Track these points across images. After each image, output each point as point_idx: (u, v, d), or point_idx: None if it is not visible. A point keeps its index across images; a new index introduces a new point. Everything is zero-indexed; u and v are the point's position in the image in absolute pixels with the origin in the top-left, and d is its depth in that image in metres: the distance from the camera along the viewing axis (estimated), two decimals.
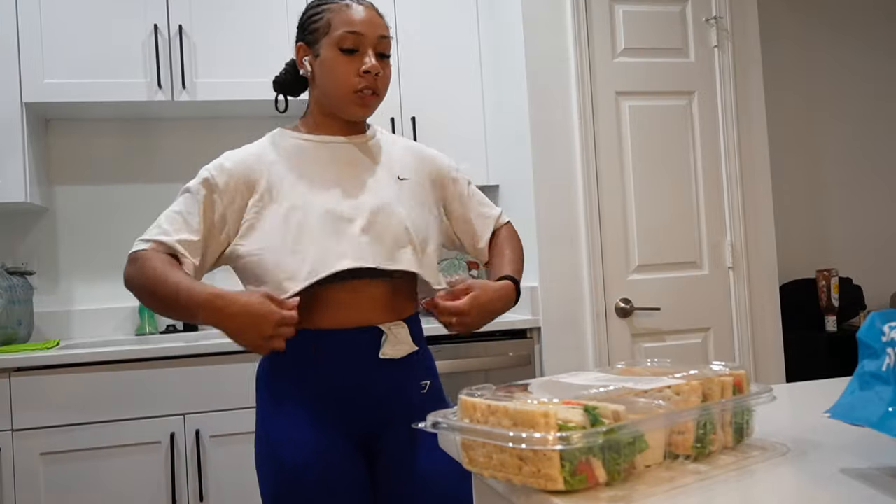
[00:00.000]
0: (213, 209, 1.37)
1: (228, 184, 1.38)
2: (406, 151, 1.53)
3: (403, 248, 1.39)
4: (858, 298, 3.38)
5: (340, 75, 1.38)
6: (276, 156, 1.43)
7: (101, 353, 2.23)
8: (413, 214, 1.43)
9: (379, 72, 1.39)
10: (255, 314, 1.22)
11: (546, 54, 2.62)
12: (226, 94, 2.65)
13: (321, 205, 1.36)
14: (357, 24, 1.38)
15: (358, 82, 1.38)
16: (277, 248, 1.34)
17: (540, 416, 0.68)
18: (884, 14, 3.73)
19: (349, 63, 1.38)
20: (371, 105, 1.41)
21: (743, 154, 2.77)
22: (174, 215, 1.36)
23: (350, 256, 1.34)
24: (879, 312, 0.75)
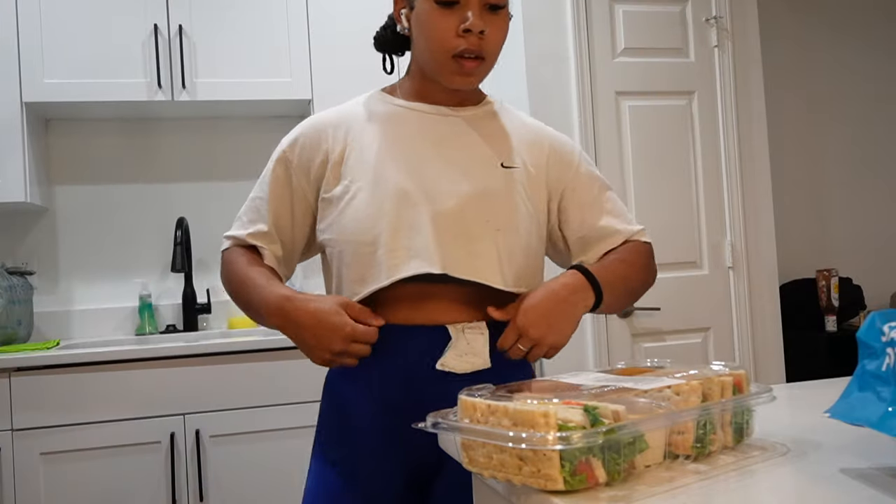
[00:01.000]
0: (289, 189, 1.21)
1: (301, 157, 1.21)
2: (523, 132, 1.27)
3: (486, 252, 1.15)
4: (858, 298, 3.38)
5: (435, 34, 1.13)
6: (362, 122, 1.21)
7: (101, 353, 2.23)
8: (509, 212, 1.18)
9: (483, 30, 1.12)
10: (325, 324, 1.07)
11: (546, 54, 2.62)
12: (226, 94, 2.65)
13: (397, 186, 1.14)
14: None
15: (457, 44, 1.13)
16: (348, 239, 1.15)
17: (540, 416, 0.68)
18: (884, 14, 3.73)
19: (447, 19, 1.12)
20: (475, 73, 1.16)
21: (743, 154, 2.77)
22: (250, 202, 1.26)
23: (420, 256, 1.12)
24: (879, 312, 0.75)
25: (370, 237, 1.13)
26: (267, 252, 1.23)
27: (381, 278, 1.13)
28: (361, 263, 1.14)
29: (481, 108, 1.26)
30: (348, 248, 1.15)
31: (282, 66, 2.70)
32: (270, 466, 2.32)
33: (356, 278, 1.15)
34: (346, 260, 1.16)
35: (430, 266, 1.12)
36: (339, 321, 1.07)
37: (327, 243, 1.20)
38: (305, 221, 1.24)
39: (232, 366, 2.30)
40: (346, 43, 2.73)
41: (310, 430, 2.35)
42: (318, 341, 1.08)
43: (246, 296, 1.18)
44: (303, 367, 2.34)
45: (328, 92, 2.71)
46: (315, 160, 1.21)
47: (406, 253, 1.12)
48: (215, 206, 2.94)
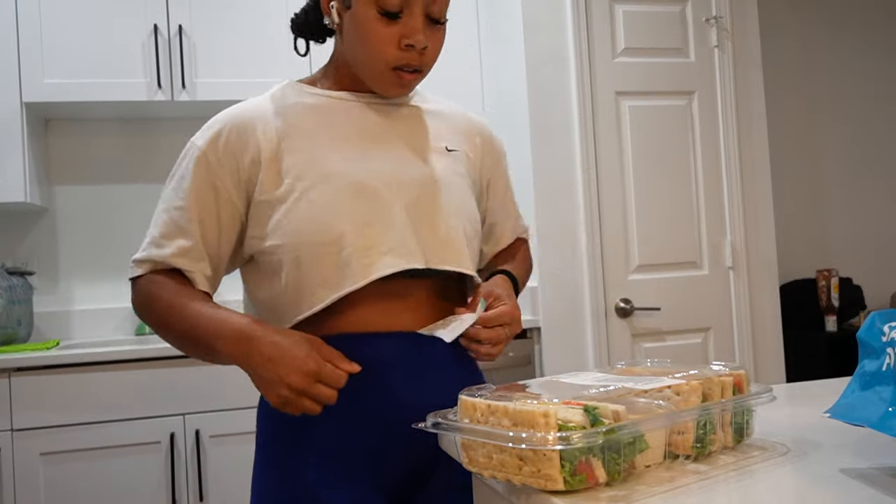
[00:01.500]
0: (213, 193, 1.07)
1: (225, 155, 1.07)
2: (456, 117, 1.24)
3: (455, 239, 1.10)
4: (858, 298, 3.38)
5: (375, 45, 1.07)
6: (292, 114, 1.11)
7: (101, 353, 2.23)
8: (461, 197, 1.14)
9: (426, 46, 1.08)
10: (287, 357, 0.95)
11: (546, 54, 2.62)
12: (226, 94, 2.65)
13: (351, 179, 1.05)
14: None
15: (398, 57, 1.07)
16: (304, 241, 1.03)
17: (540, 416, 0.68)
18: (884, 13, 3.73)
19: (389, 30, 1.06)
20: (411, 85, 1.11)
21: (743, 154, 2.77)
22: (164, 215, 1.09)
23: (394, 252, 1.04)
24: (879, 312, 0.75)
25: (332, 236, 1.03)
26: (196, 276, 1.07)
27: (354, 279, 1.02)
28: (324, 266, 1.03)
29: (410, 96, 1.21)
30: (306, 252, 1.03)
31: (282, 66, 2.69)
32: None
33: (319, 282, 1.03)
34: (303, 265, 1.04)
35: (409, 261, 1.05)
36: (304, 355, 0.94)
37: (270, 251, 1.06)
38: (233, 230, 1.09)
39: (232, 365, 2.30)
40: None
41: None
42: (277, 375, 0.94)
43: (185, 328, 1.03)
44: None
45: None
46: (243, 159, 1.07)
47: (377, 250, 1.04)
48: None
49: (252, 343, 0.98)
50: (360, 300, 1.05)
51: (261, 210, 1.07)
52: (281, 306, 1.07)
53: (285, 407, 0.96)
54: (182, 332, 1.04)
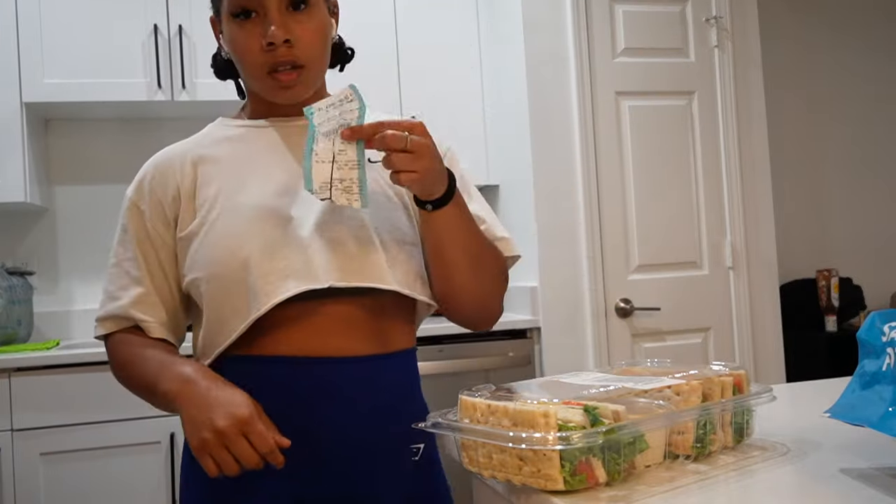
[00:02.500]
0: (149, 240, 1.07)
1: (152, 199, 1.07)
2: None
3: (369, 253, 1.02)
4: (858, 298, 3.38)
5: (241, 55, 1.03)
6: (209, 149, 1.09)
7: (101, 353, 2.21)
8: (386, 205, 1.06)
9: (288, 38, 0.99)
10: (220, 400, 0.90)
11: (546, 54, 2.62)
12: (226, 94, 2.62)
13: (257, 204, 1.02)
14: None
15: (265, 60, 1.01)
16: (214, 272, 1.01)
17: (540, 416, 0.68)
18: (884, 14, 3.73)
19: (248, 34, 1.01)
20: (297, 83, 1.03)
21: (743, 154, 2.77)
22: (114, 269, 1.09)
23: (296, 275, 0.98)
24: (879, 312, 0.75)
25: (237, 264, 0.99)
26: (152, 324, 1.07)
27: (255, 307, 0.98)
28: (233, 295, 1.00)
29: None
30: (215, 283, 1.01)
31: None
32: None
33: (230, 313, 1.00)
34: (217, 296, 1.01)
35: (311, 281, 0.98)
36: (240, 403, 0.90)
37: (192, 286, 1.04)
38: (176, 272, 1.08)
39: None
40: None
41: None
42: (206, 417, 0.89)
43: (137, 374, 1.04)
44: None
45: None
46: (167, 198, 1.07)
47: (280, 274, 0.99)
48: None
49: (190, 384, 0.94)
50: (277, 326, 1.00)
51: (182, 246, 1.06)
52: (208, 344, 1.05)
53: (202, 453, 0.89)
54: (136, 380, 1.04)
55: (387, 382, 1.04)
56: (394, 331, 1.06)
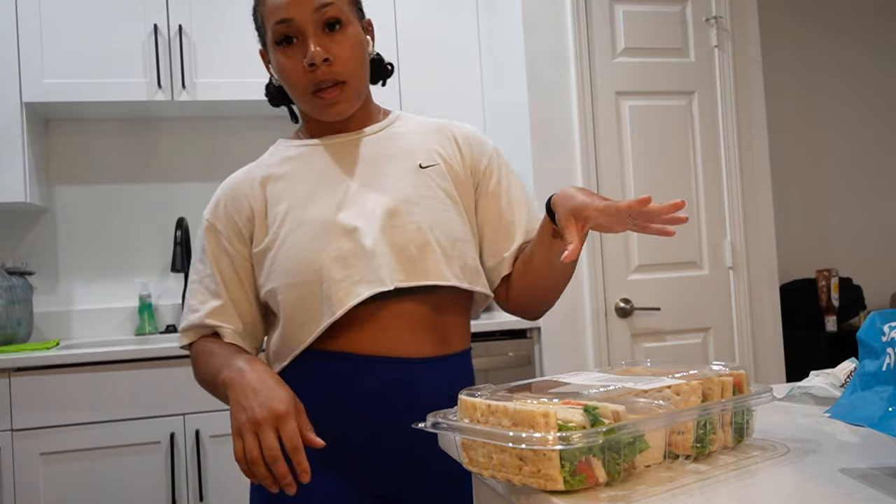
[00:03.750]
0: (227, 256, 1.17)
1: (228, 219, 1.17)
2: (435, 132, 1.23)
3: (427, 255, 1.11)
4: (858, 298, 3.38)
5: (287, 79, 1.14)
6: (271, 171, 1.19)
7: (101, 353, 2.23)
8: (436, 210, 1.14)
9: (328, 57, 1.09)
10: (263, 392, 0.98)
11: (546, 54, 2.62)
12: (226, 94, 2.65)
13: (323, 218, 1.12)
14: (281, 10, 1.10)
15: (309, 80, 1.11)
16: (289, 283, 1.11)
17: (540, 416, 0.68)
18: (884, 14, 3.73)
19: (292, 59, 1.11)
20: (340, 100, 1.13)
21: (743, 154, 2.77)
22: (195, 285, 1.18)
23: (365, 280, 1.08)
24: (879, 312, 0.75)
25: (311, 274, 1.10)
26: (227, 330, 1.16)
27: (330, 312, 1.08)
28: (308, 302, 1.10)
29: (384, 124, 1.22)
30: (291, 292, 1.11)
31: None
32: None
33: (306, 319, 1.11)
34: (290, 306, 1.11)
35: (378, 285, 1.08)
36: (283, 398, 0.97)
37: (269, 296, 1.15)
38: (254, 283, 1.18)
39: None
40: None
41: None
42: (247, 402, 0.97)
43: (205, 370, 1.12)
44: None
45: None
46: (241, 218, 1.17)
47: (351, 280, 1.09)
48: None
49: (243, 374, 1.02)
50: (350, 328, 1.10)
51: (258, 260, 1.16)
52: (284, 347, 1.15)
53: (235, 436, 0.97)
54: (203, 374, 1.14)
55: (445, 383, 1.11)
56: (453, 328, 1.16)
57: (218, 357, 1.10)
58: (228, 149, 2.97)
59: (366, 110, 1.21)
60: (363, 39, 1.17)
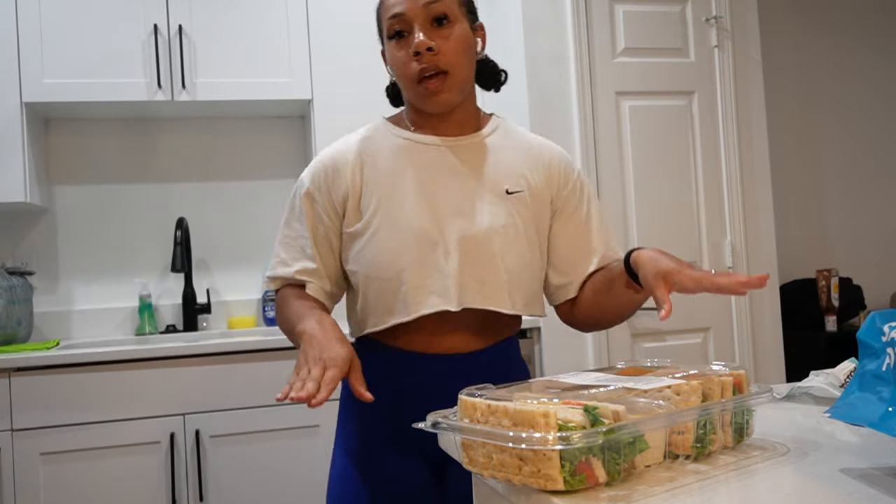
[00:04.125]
0: (322, 225, 1.26)
1: (325, 192, 1.26)
2: (528, 154, 1.30)
3: (496, 281, 1.22)
4: (858, 298, 3.38)
5: (397, 68, 1.22)
6: (374, 155, 1.26)
7: (101, 353, 2.23)
8: (514, 240, 1.24)
9: (431, 46, 1.17)
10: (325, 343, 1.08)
11: (546, 54, 2.62)
12: (226, 94, 2.65)
13: (416, 225, 1.21)
14: (394, 6, 1.20)
15: (413, 68, 1.19)
16: (372, 275, 1.23)
17: (540, 416, 0.68)
18: (884, 14, 3.73)
19: (402, 49, 1.20)
20: (442, 90, 1.20)
21: (743, 154, 2.77)
22: (290, 241, 1.28)
23: (438, 293, 1.20)
24: (879, 312, 0.75)
25: (393, 274, 1.20)
26: (314, 286, 1.26)
27: (404, 313, 1.21)
28: (385, 298, 1.22)
29: (483, 134, 1.29)
30: (372, 284, 1.23)
31: (282, 66, 2.70)
32: (270, 466, 2.32)
33: (381, 311, 1.23)
34: (370, 293, 1.24)
35: (447, 303, 1.20)
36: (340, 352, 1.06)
37: (351, 274, 1.27)
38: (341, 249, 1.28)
39: (232, 366, 2.30)
40: (346, 43, 2.73)
41: (310, 430, 2.35)
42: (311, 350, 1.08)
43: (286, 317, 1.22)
44: None
45: (328, 92, 2.71)
46: (338, 196, 1.25)
47: (426, 290, 1.20)
48: (215, 206, 2.94)
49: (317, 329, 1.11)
50: (414, 326, 1.23)
51: (347, 239, 1.26)
52: (358, 323, 1.29)
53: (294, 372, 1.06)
54: (284, 322, 1.24)
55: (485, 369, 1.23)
56: (503, 327, 1.28)
57: (299, 311, 1.19)
58: (228, 149, 2.97)
59: (467, 112, 1.29)
60: (470, 38, 1.25)
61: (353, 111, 2.73)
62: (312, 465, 2.33)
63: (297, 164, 3.01)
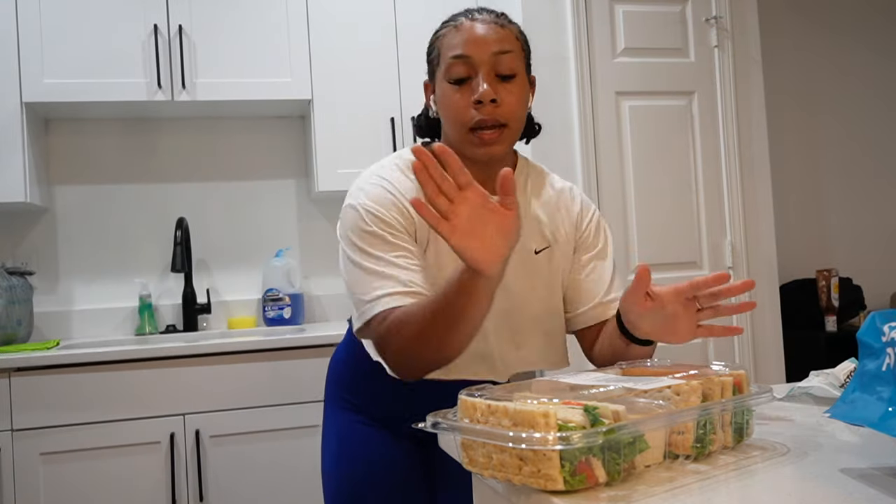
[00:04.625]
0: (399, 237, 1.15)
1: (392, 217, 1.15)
2: (555, 204, 1.28)
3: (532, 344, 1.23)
4: (858, 298, 3.38)
5: (451, 111, 1.16)
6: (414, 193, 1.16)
7: (101, 353, 2.23)
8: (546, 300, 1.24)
9: (494, 98, 1.14)
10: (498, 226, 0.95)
11: (546, 54, 2.62)
12: (226, 94, 2.65)
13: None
14: (463, 46, 1.15)
15: (472, 116, 1.14)
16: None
17: (540, 416, 0.68)
18: (884, 15, 3.73)
19: (461, 95, 1.15)
20: (495, 142, 1.16)
21: (743, 154, 2.77)
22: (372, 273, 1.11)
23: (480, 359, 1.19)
24: (879, 312, 0.75)
25: None
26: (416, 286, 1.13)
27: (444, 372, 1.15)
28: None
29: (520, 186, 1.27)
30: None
31: (282, 66, 2.70)
32: (270, 466, 2.32)
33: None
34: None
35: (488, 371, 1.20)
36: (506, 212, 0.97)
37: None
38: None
39: (232, 366, 2.30)
40: (346, 43, 2.73)
41: (309, 430, 2.35)
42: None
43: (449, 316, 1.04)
44: (302, 367, 2.33)
45: (328, 92, 2.71)
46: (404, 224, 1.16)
47: (469, 355, 1.14)
48: (215, 206, 2.94)
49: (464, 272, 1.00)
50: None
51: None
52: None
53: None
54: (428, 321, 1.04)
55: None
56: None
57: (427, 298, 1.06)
58: (228, 149, 2.97)
59: (504, 161, 1.25)
60: (528, 92, 1.25)
61: (353, 111, 2.74)
62: (312, 465, 2.33)
63: (296, 164, 3.01)
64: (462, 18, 1.18)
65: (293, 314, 2.83)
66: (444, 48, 1.18)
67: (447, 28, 1.19)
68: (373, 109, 2.73)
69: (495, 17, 1.19)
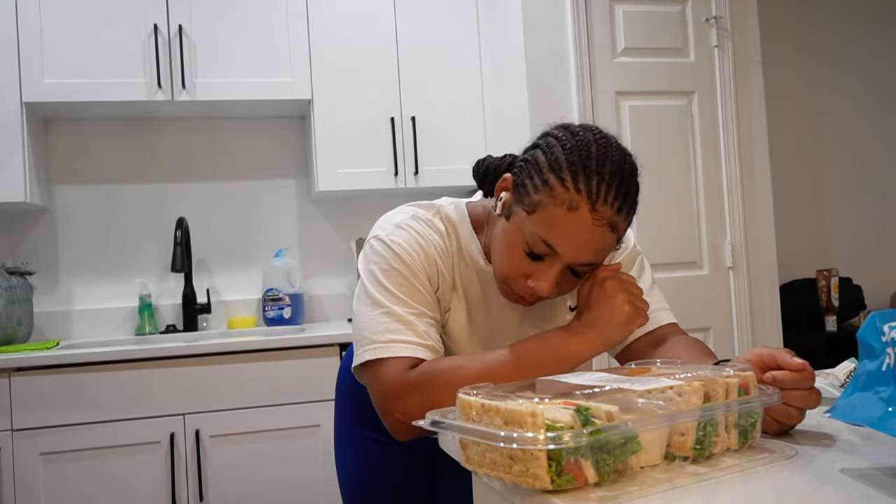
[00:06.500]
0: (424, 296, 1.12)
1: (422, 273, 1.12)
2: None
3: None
4: (858, 298, 3.37)
5: (506, 262, 1.06)
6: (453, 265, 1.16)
7: (101, 353, 2.23)
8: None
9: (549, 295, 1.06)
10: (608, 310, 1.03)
11: (546, 54, 2.61)
12: (226, 94, 2.65)
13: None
14: (561, 244, 1.00)
15: (520, 285, 1.06)
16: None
17: (527, 415, 0.68)
18: (883, 15, 3.72)
19: (526, 262, 1.04)
20: (524, 305, 1.11)
21: (743, 154, 2.77)
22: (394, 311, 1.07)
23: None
24: (879, 312, 0.75)
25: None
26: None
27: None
28: None
29: None
30: None
31: (282, 66, 2.70)
32: (270, 466, 2.32)
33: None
34: None
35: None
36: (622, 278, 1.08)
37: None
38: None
39: (232, 366, 2.30)
40: (347, 43, 2.73)
41: (310, 430, 2.35)
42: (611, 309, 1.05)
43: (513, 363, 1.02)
44: (302, 367, 2.33)
45: (328, 92, 2.71)
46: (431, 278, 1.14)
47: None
48: (215, 206, 2.94)
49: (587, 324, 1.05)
50: None
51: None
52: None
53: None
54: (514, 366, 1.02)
55: None
56: None
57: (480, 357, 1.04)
58: (228, 149, 2.97)
59: None
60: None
61: (353, 111, 2.74)
62: (312, 465, 2.33)
63: (296, 164, 3.01)
64: (584, 199, 0.98)
65: (293, 314, 2.83)
66: (546, 215, 1.00)
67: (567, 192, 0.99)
68: (373, 109, 2.73)
69: (614, 214, 1.01)
